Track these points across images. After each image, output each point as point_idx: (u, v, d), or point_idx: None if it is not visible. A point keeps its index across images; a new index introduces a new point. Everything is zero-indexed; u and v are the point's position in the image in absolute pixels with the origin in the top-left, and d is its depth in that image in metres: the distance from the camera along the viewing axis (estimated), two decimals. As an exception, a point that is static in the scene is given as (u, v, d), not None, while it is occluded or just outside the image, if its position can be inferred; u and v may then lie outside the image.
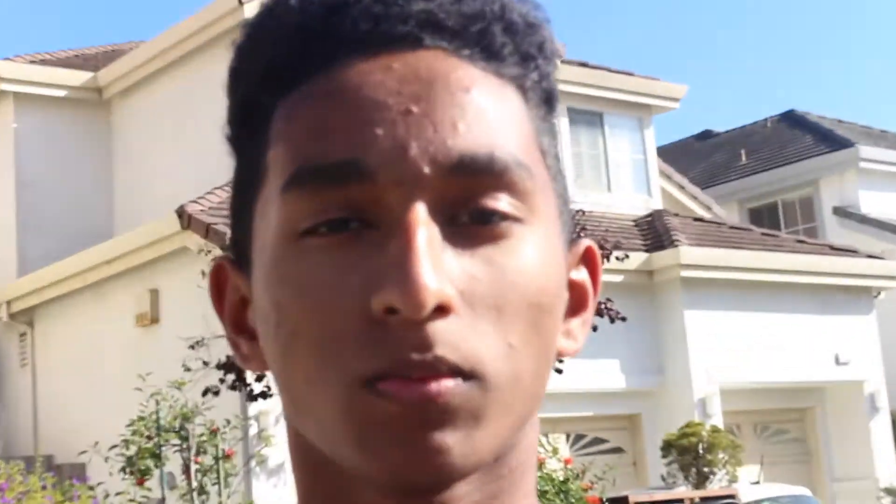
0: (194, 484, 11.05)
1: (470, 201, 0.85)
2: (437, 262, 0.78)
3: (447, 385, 0.81)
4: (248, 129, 1.00)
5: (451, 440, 0.83)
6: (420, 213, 0.84)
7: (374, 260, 0.85)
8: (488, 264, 0.82)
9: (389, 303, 0.80)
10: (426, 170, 0.85)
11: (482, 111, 0.85)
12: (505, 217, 0.85)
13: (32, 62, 20.82)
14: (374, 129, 0.88)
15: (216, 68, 16.84)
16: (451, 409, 0.84)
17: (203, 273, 12.54)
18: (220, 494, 11.09)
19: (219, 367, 11.76)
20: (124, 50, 21.54)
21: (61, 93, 20.14)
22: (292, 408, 0.96)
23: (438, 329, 0.82)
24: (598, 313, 12.05)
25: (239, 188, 1.03)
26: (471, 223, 0.86)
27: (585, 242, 1.02)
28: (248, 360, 1.02)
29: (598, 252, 0.97)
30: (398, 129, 0.87)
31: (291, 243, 0.89)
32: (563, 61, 19.72)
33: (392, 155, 0.87)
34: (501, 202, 0.85)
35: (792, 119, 30.66)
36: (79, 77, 20.43)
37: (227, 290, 1.04)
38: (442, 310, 0.80)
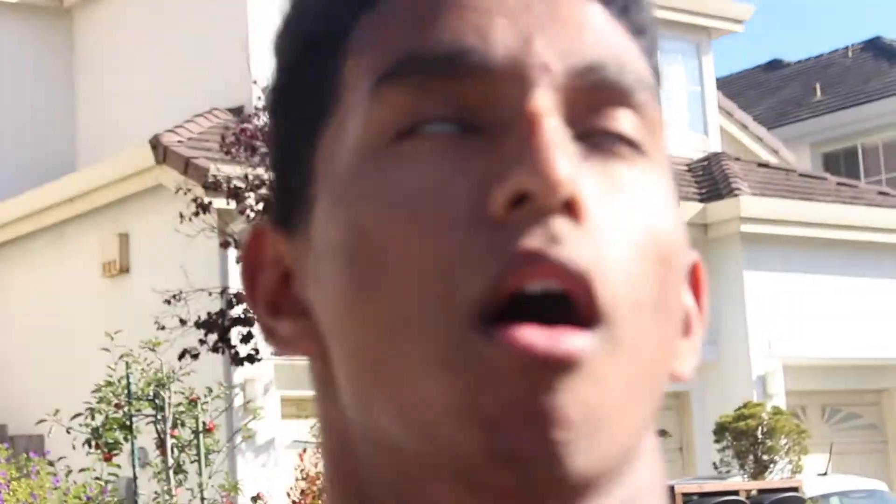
0: (170, 461, 10.89)
1: (593, 116, 0.82)
2: (568, 153, 0.75)
3: (580, 341, 0.74)
4: (312, 57, 0.97)
5: (573, 428, 0.74)
6: (546, 102, 0.81)
7: (489, 157, 0.82)
8: (616, 191, 0.79)
9: (519, 186, 0.75)
10: (555, 65, 0.83)
11: (606, 23, 0.84)
12: (631, 143, 0.83)
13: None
14: (493, 17, 0.87)
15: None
16: (578, 378, 0.77)
17: (182, 215, 12.59)
18: (199, 474, 10.97)
19: (198, 325, 11.77)
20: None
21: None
22: (359, 380, 0.86)
23: (568, 233, 0.76)
24: None
25: (290, 130, 0.99)
26: (594, 140, 0.82)
27: (692, 256, 0.94)
28: (292, 342, 0.94)
29: (703, 270, 0.89)
30: (521, 19, 0.86)
31: (380, 151, 0.86)
32: None
33: (515, 45, 0.85)
34: (627, 124, 0.83)
35: (877, 48, 30.56)
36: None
37: (265, 265, 0.98)
38: (572, 210, 0.75)
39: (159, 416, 11.01)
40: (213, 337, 11.79)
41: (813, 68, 31.35)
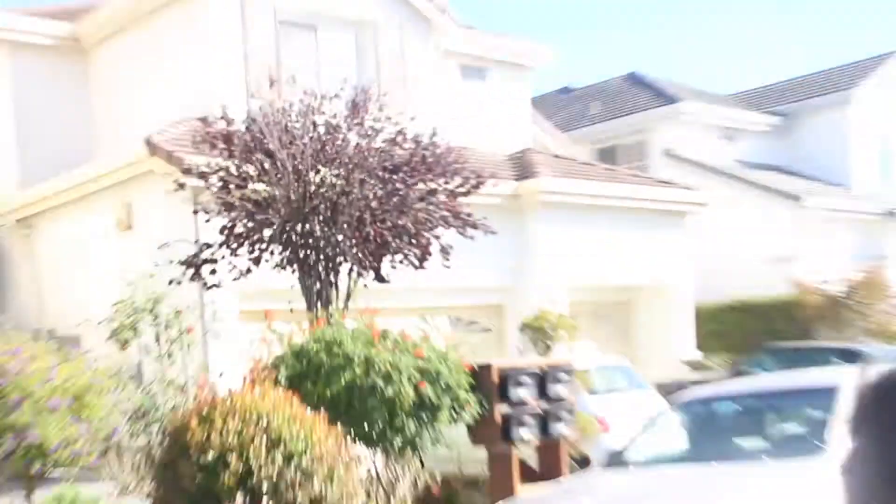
0: (164, 350, 11.32)
1: None
2: None
3: None
4: None
5: None
6: None
7: None
8: None
9: None
10: None
11: None
12: None
13: (25, 14, 20.01)
14: None
15: (183, 18, 16.90)
16: None
17: (167, 191, 12.88)
18: (183, 359, 11.40)
19: (181, 263, 12.05)
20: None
21: (48, 41, 19.58)
22: None
23: None
24: (475, 227, 12.43)
25: None
26: None
27: None
28: None
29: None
30: None
31: None
32: (458, 25, 20.02)
33: None
34: None
35: (634, 78, 30.78)
36: (62, 27, 19.73)
37: None
38: None
39: (156, 322, 11.15)
40: (190, 271, 12.00)
41: (591, 92, 31.52)
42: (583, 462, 11.81)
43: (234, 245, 11.86)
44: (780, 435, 9.04)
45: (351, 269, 11.96)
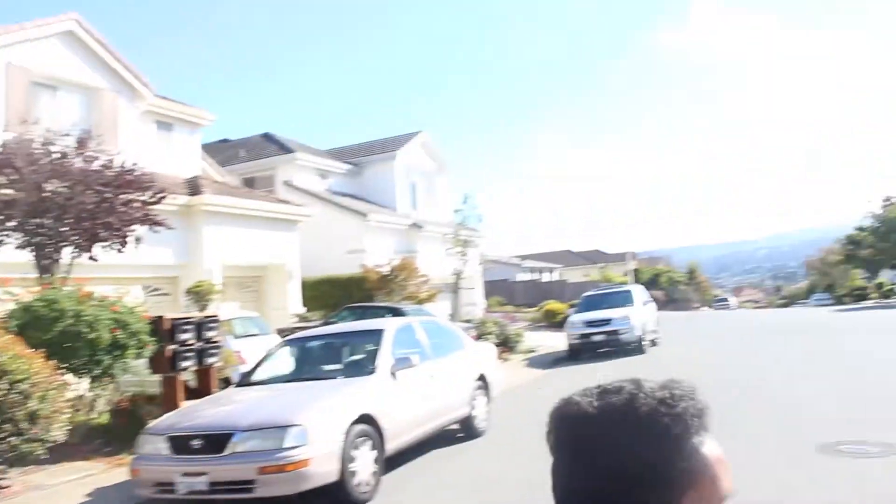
0: None
1: None
2: None
3: None
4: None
5: None
6: None
7: None
8: None
9: None
10: None
11: None
12: None
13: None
14: None
15: None
16: None
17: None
18: None
19: None
20: None
21: None
22: None
23: None
24: (160, 225, 12.21)
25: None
26: None
27: None
28: None
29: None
30: None
31: None
32: (154, 94, 19.53)
33: None
34: None
35: (267, 136, 30.37)
36: None
37: None
38: None
39: None
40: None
41: (240, 143, 30.83)
42: (227, 383, 11.13)
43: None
44: (350, 361, 9.04)
45: (72, 252, 11.62)
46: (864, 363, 13.99)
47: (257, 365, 9.15)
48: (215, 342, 10.91)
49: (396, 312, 16.67)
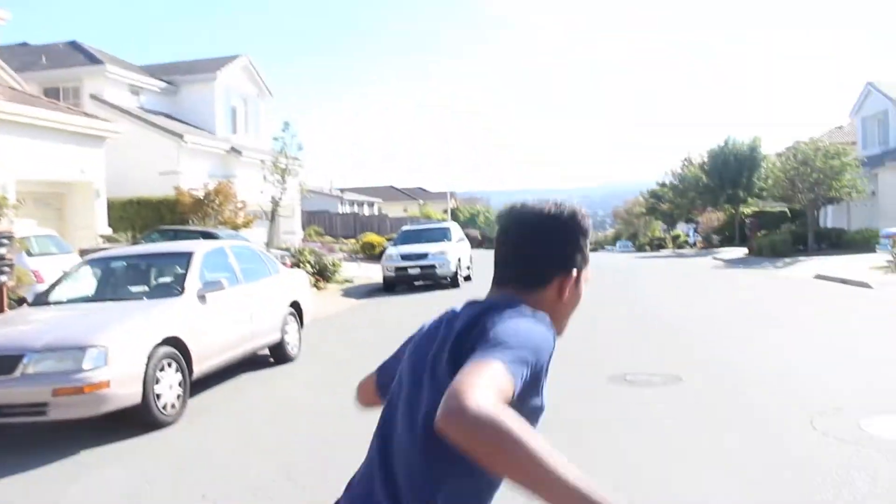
0: None
1: None
2: None
3: None
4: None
5: None
6: None
7: None
8: None
9: None
10: None
11: None
12: None
13: None
14: None
15: None
16: None
17: None
18: None
19: None
20: None
21: None
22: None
23: None
24: None
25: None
26: None
27: None
28: None
29: None
30: None
31: None
32: None
33: None
34: None
35: (74, 44, 28.18)
36: None
37: None
38: None
39: None
40: None
41: (43, 49, 28.39)
42: (21, 302, 10.64)
43: None
44: (157, 284, 8.72)
45: None
46: (658, 305, 15.03)
47: (55, 284, 8.70)
48: (7, 260, 10.37)
49: (210, 237, 16.30)
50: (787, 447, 5.32)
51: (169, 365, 7.03)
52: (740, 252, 33.12)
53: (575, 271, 1.57)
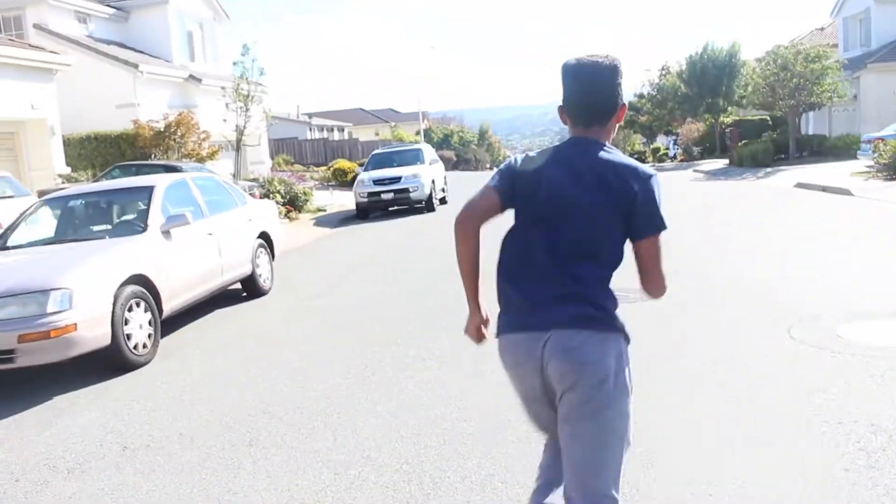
0: None
1: None
2: None
3: None
4: None
5: None
6: None
7: None
8: None
9: None
10: None
11: None
12: None
13: None
14: None
15: None
16: None
17: None
18: None
19: None
20: None
21: None
22: None
23: None
24: None
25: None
26: None
27: None
28: None
29: None
30: None
31: None
32: None
33: None
34: None
35: None
36: None
37: None
38: None
39: None
40: None
41: None
42: None
43: None
44: (118, 221, 8.57)
45: None
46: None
47: (12, 227, 8.55)
48: (-40, 205, 10.11)
49: (173, 171, 16.18)
50: (764, 357, 5.44)
51: (137, 304, 7.02)
52: (721, 163, 33.29)
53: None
